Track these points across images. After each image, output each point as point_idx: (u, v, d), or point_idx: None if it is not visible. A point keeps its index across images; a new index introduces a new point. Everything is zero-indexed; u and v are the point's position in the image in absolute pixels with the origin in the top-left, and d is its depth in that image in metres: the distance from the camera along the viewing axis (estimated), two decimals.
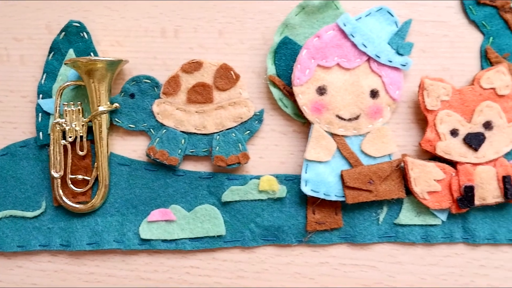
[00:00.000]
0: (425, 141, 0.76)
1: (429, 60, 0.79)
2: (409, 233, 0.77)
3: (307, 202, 0.77)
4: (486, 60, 0.78)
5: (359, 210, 0.77)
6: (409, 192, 0.75)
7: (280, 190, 0.77)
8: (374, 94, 0.76)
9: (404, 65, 0.77)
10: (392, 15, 0.77)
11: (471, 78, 0.77)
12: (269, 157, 0.79)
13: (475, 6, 0.79)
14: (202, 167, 0.78)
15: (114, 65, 0.74)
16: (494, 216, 0.77)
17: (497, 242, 0.77)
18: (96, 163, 0.76)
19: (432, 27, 0.79)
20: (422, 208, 0.76)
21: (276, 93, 0.77)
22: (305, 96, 0.75)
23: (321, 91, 0.75)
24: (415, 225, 0.77)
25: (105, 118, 0.75)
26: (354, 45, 0.76)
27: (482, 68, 0.78)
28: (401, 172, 0.75)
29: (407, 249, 0.78)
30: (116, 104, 0.76)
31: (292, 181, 0.77)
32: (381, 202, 0.77)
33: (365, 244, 0.77)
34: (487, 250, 0.78)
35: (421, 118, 0.77)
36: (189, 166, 0.78)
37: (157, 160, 0.76)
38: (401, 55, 0.77)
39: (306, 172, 0.75)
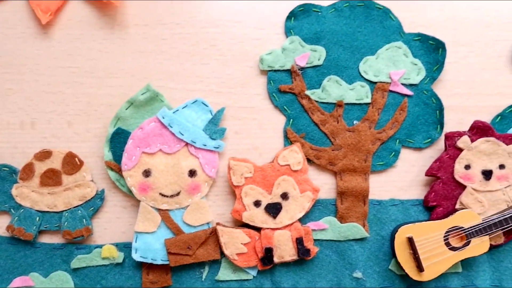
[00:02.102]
0: (234, 212, 0.90)
1: (242, 140, 0.94)
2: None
3: (142, 265, 0.91)
4: (287, 140, 0.93)
5: (186, 270, 0.91)
6: None
7: (120, 256, 0.91)
8: (192, 173, 0.91)
9: (217, 147, 0.91)
10: (206, 105, 0.92)
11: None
12: (112, 228, 0.93)
13: (277, 93, 0.93)
14: (56, 239, 0.93)
15: None
16: (296, 270, 0.91)
17: None
18: None
19: (244, 112, 0.94)
20: (236, 266, 0.91)
21: (112, 175, 0.92)
22: (132, 179, 0.90)
23: (146, 173, 0.90)
24: (232, 280, 0.91)
25: None
26: (173, 134, 0.91)
27: (285, 146, 0.93)
28: (217, 237, 0.90)
29: None
30: None
31: (130, 248, 0.92)
32: (203, 262, 0.91)
33: None
34: None
35: None
36: (45, 239, 0.92)
37: (15, 236, 0.91)
38: (214, 139, 0.91)
39: (136, 242, 0.90)
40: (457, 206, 0.89)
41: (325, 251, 0.91)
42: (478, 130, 0.88)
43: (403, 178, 0.93)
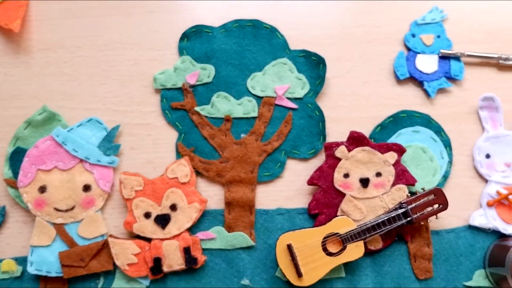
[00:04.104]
0: (126, 223, 0.93)
1: (138, 155, 0.96)
2: None
3: (40, 278, 0.94)
4: (179, 154, 0.96)
5: (82, 281, 0.94)
6: None
7: (18, 270, 0.94)
8: (86, 188, 0.94)
9: (112, 163, 0.95)
10: (101, 123, 0.95)
11: None
12: (14, 242, 0.95)
13: (170, 110, 0.97)
14: None
15: None
16: (187, 279, 0.93)
17: None
18: None
19: (139, 129, 0.97)
20: (129, 276, 0.93)
21: (12, 192, 0.95)
22: (28, 195, 0.93)
23: (42, 189, 0.93)
24: None
25: None
26: (67, 151, 0.94)
27: (177, 159, 0.96)
28: (109, 249, 0.92)
29: None
30: None
31: None
32: (99, 273, 0.94)
33: None
34: None
35: None
36: None
37: None
38: (109, 155, 0.95)
39: (31, 255, 0.92)
40: (338, 214, 0.91)
41: (215, 259, 0.93)
42: (354, 140, 0.91)
43: (289, 188, 0.95)
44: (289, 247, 0.88)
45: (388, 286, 0.91)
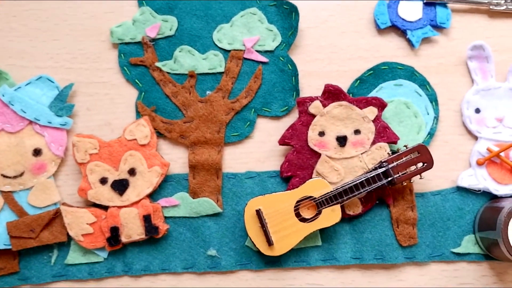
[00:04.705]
0: (80, 190, 0.84)
1: (94, 117, 0.87)
2: (78, 271, 0.85)
3: None
4: (139, 114, 0.87)
5: (34, 254, 0.85)
6: None
7: None
8: (37, 152, 0.85)
9: (64, 125, 0.86)
10: (52, 82, 0.86)
11: None
12: None
13: (129, 66, 0.88)
14: None
15: None
16: (149, 250, 0.85)
17: (152, 273, 0.84)
18: None
19: (96, 88, 0.88)
20: (86, 248, 0.84)
21: None
22: None
23: None
24: (82, 263, 0.85)
25: None
26: (15, 112, 0.85)
27: None
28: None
29: (82, 285, 0.85)
30: None
31: None
32: (52, 245, 0.85)
33: (40, 284, 0.85)
34: (148, 280, 0.85)
35: None
36: None
37: None
38: (61, 116, 0.86)
39: None
40: (313, 176, 0.82)
41: (179, 228, 0.85)
42: (330, 94, 0.82)
43: (260, 149, 0.86)
44: (258, 212, 0.80)
45: (368, 254, 0.83)
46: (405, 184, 0.80)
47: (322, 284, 0.84)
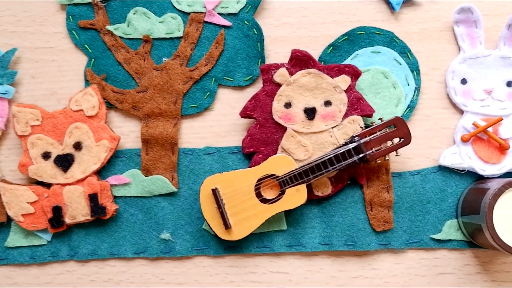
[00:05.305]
0: (21, 166, 0.75)
1: (39, 86, 0.79)
2: (19, 255, 0.77)
3: None
4: (88, 82, 0.78)
5: None
6: None
7: None
8: None
9: (5, 94, 0.77)
10: None
11: None
12: None
13: (78, 30, 0.79)
14: None
15: None
16: (96, 233, 0.76)
17: (101, 257, 0.76)
18: None
19: (42, 54, 0.79)
20: (27, 229, 0.76)
21: None
22: None
23: None
24: (23, 246, 0.77)
25: None
26: None
27: None
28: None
29: (23, 270, 0.78)
30: None
31: None
32: None
33: None
34: (96, 265, 0.77)
35: None
36: None
37: None
38: (1, 84, 0.77)
39: None
40: (278, 152, 0.74)
41: (130, 209, 0.76)
42: (298, 61, 0.73)
43: (221, 123, 0.78)
44: (215, 192, 0.71)
45: (338, 240, 0.74)
46: (380, 162, 0.71)
47: (287, 272, 0.76)
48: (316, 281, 0.75)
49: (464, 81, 0.75)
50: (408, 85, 0.76)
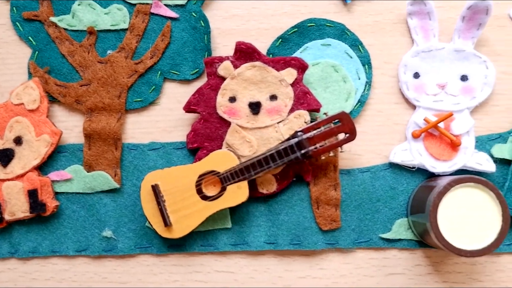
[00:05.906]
0: None
1: None
2: None
3: None
4: (31, 75, 0.76)
5: None
6: None
7: None
8: None
9: None
10: None
11: None
12: None
13: (22, 22, 0.77)
14: None
15: None
16: (38, 230, 0.74)
17: (42, 255, 0.74)
18: None
19: None
20: None
21: None
22: None
23: None
24: None
25: None
26: None
27: None
28: None
29: None
30: None
31: None
32: None
33: None
34: (38, 263, 0.75)
35: None
36: None
37: None
38: None
39: None
40: (223, 148, 0.71)
41: (71, 206, 0.74)
42: (242, 53, 0.71)
43: (167, 117, 0.75)
44: (154, 188, 0.69)
45: (284, 239, 0.72)
46: (324, 158, 0.69)
47: (232, 271, 0.73)
48: (263, 281, 0.73)
49: (416, 75, 0.72)
50: (359, 79, 0.73)
